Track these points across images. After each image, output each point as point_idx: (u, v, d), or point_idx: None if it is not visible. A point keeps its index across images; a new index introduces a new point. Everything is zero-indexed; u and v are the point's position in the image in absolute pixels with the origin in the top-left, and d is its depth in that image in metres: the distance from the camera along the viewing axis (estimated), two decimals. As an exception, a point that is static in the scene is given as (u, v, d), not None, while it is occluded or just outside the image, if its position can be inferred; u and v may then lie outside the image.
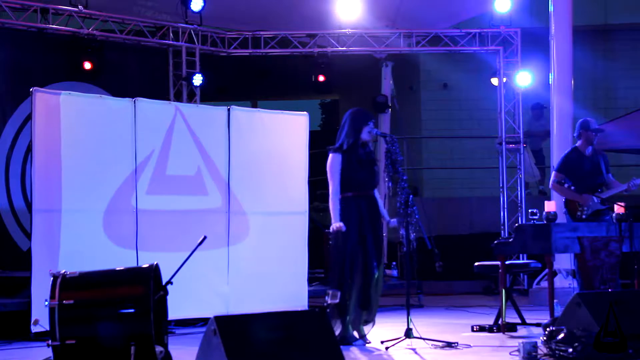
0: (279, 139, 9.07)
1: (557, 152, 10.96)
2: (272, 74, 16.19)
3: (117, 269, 5.86)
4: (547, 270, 8.04)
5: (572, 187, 8.51)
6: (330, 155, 7.33)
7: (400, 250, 11.06)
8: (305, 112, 9.30)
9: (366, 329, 7.29)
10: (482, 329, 7.92)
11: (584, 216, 8.49)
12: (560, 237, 7.63)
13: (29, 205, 8.25)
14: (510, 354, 6.39)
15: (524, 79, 12.29)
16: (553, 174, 8.94)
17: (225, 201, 8.70)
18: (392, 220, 7.38)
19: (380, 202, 7.49)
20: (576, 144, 8.87)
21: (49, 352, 5.42)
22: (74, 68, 10.84)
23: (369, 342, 7.19)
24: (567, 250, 7.81)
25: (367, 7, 12.16)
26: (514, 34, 12.23)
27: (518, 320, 8.12)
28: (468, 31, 12.40)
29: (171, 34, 11.81)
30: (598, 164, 8.70)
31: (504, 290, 7.86)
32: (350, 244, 7.18)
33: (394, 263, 11.74)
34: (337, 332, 6.86)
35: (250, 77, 16.26)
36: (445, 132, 15.83)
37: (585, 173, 8.64)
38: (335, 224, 7.19)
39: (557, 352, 5.97)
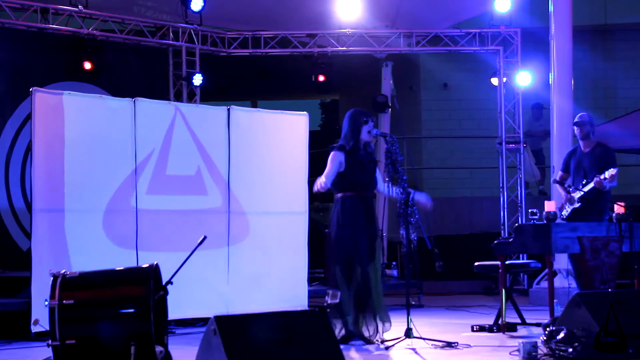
0: (279, 139, 9.07)
1: (557, 152, 10.95)
2: (272, 74, 16.20)
3: (117, 269, 5.86)
4: (547, 270, 8.03)
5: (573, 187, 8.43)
6: (333, 152, 7.31)
7: (400, 250, 11.06)
8: (305, 112, 9.29)
9: (385, 332, 7.24)
10: (482, 329, 7.92)
11: (564, 216, 8.39)
12: (560, 237, 7.61)
13: (28, 205, 8.25)
14: (510, 354, 6.39)
15: (524, 79, 12.30)
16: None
17: (225, 201, 8.70)
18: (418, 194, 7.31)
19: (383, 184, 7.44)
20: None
21: (49, 352, 5.42)
22: (74, 68, 10.84)
23: (369, 343, 7.18)
24: (567, 250, 7.79)
25: (367, 7, 12.16)
26: (514, 34, 12.23)
27: (518, 320, 8.11)
28: (468, 31, 12.40)
29: (171, 34, 11.82)
30: (591, 161, 8.53)
31: (504, 290, 7.86)
32: (348, 244, 7.18)
33: (394, 263, 11.74)
34: (337, 332, 6.86)
35: (250, 77, 16.28)
36: (445, 132, 15.84)
37: (573, 170, 8.60)
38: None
39: (557, 352, 5.97)
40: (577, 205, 8.35)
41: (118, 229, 8.05)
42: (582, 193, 8.29)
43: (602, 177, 8.05)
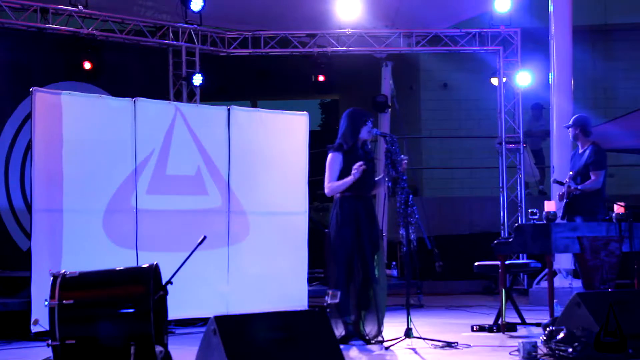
0: (279, 139, 9.07)
1: (557, 152, 10.96)
2: (272, 74, 16.21)
3: (117, 269, 5.86)
4: (547, 270, 8.03)
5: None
6: (331, 154, 7.34)
7: (400, 250, 11.06)
8: (305, 112, 9.30)
9: (370, 331, 7.24)
10: (482, 329, 7.92)
11: (560, 214, 8.38)
12: (560, 237, 7.61)
13: (28, 205, 8.25)
14: (510, 354, 6.39)
15: (523, 79, 12.30)
16: None
17: (225, 201, 8.70)
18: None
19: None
20: None
21: (49, 352, 5.42)
22: (74, 68, 10.84)
23: (369, 343, 7.18)
24: (567, 250, 7.80)
25: (367, 7, 12.16)
26: (514, 34, 12.24)
27: (518, 320, 8.11)
28: (468, 31, 12.40)
29: (171, 34, 11.81)
30: (580, 162, 8.50)
31: (504, 290, 7.86)
32: (348, 245, 7.19)
33: (394, 263, 11.74)
34: (337, 332, 6.86)
35: (250, 77, 16.28)
36: (445, 132, 15.84)
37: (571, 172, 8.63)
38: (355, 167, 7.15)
39: (557, 352, 5.96)
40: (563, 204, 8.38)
41: (118, 229, 8.05)
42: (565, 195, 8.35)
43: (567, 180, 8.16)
